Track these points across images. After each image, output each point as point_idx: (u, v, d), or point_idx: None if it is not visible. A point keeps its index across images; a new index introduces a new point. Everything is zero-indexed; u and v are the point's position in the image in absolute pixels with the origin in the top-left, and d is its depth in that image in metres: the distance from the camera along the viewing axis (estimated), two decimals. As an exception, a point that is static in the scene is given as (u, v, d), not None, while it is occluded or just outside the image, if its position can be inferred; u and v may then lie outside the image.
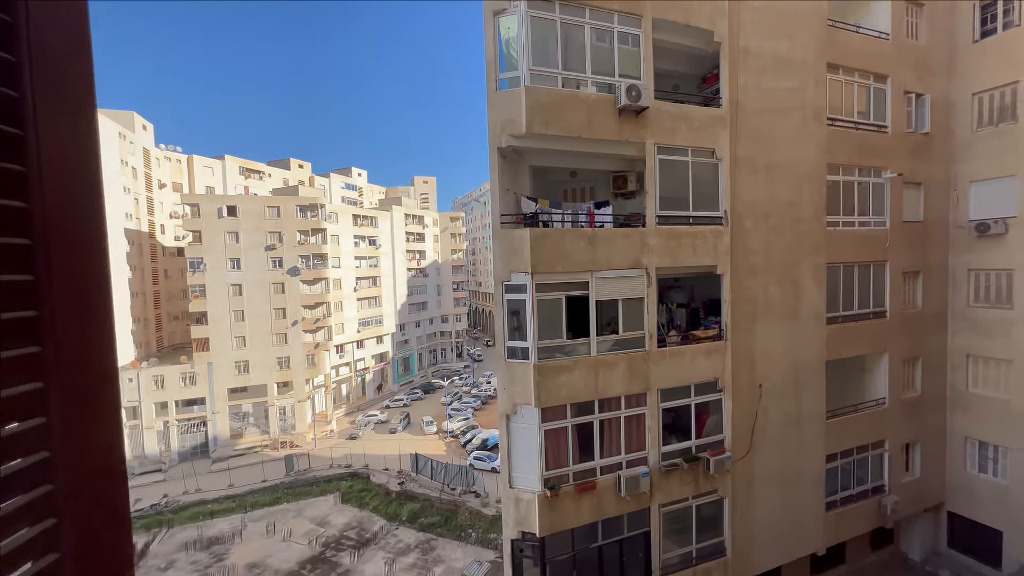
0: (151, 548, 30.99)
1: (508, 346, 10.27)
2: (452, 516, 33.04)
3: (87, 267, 0.74)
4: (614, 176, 12.18)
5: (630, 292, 10.75)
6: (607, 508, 10.65)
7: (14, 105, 0.67)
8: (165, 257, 53.45)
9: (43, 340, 0.68)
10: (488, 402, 56.22)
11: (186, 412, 44.57)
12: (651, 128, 10.67)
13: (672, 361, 11.12)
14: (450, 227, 77.63)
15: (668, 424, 11.65)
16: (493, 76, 10.07)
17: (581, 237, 10.30)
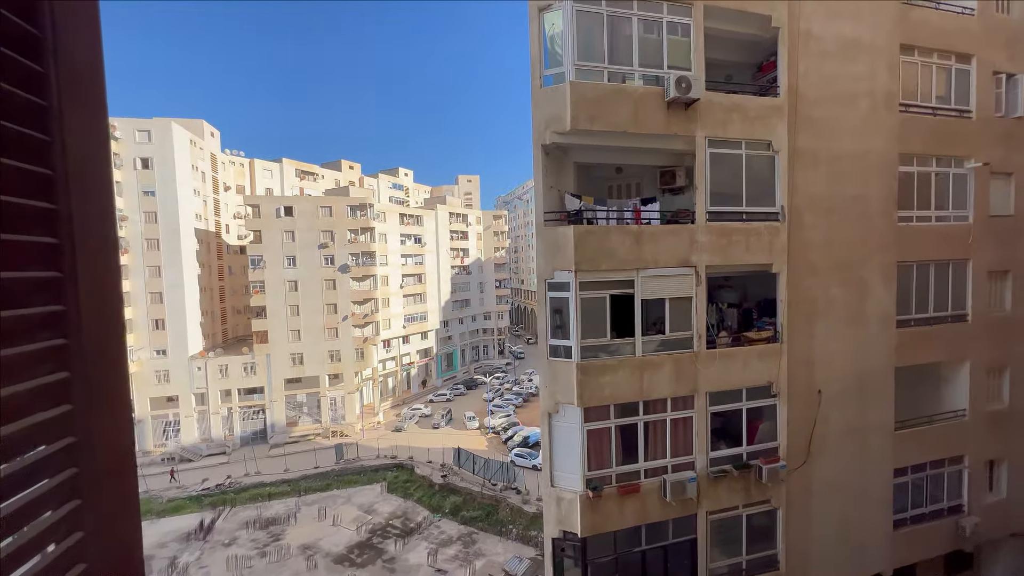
0: (216, 524, 33.42)
1: (551, 344, 10.22)
2: (493, 511, 33.42)
3: (104, 265, 0.79)
4: (661, 171, 11.81)
5: (678, 291, 10.40)
6: (651, 512, 10.39)
7: (42, 112, 0.70)
8: (229, 255, 57.27)
9: (69, 333, 0.72)
10: (530, 399, 56.34)
11: (247, 400, 47.67)
12: (702, 121, 10.25)
13: (722, 363, 10.66)
14: (493, 225, 78.29)
15: (717, 429, 11.20)
16: (538, 73, 10.03)
17: (627, 234, 10.08)
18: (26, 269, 0.63)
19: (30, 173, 0.61)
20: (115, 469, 0.85)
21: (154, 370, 45.18)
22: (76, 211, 0.74)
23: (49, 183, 0.70)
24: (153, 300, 45.32)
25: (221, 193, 56.82)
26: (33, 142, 0.66)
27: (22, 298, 0.57)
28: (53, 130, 0.71)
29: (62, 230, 0.72)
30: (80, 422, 0.74)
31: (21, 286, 0.57)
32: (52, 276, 0.70)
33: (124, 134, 44.35)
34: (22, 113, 0.59)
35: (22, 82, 0.60)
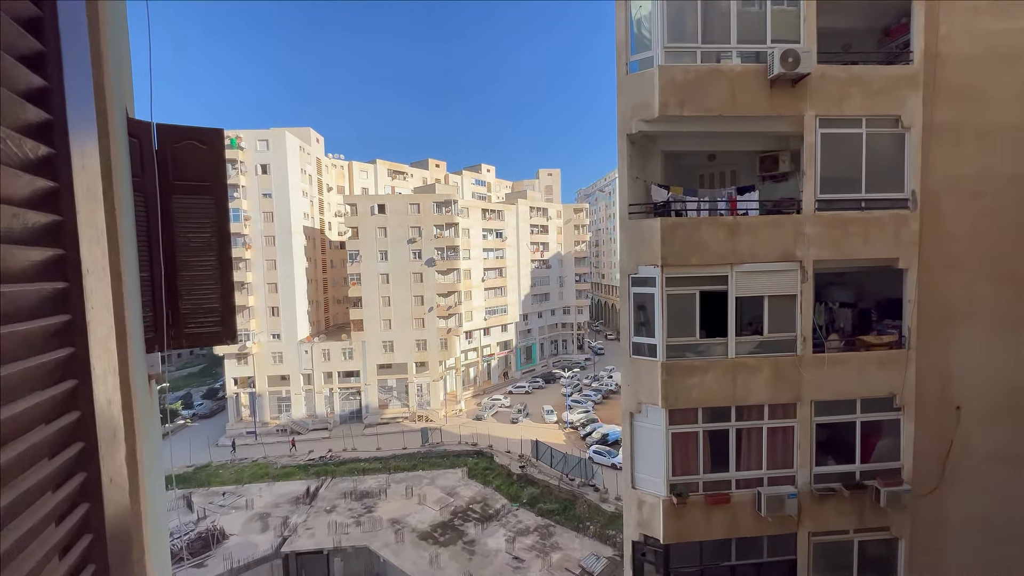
0: (320, 492, 37.20)
1: (634, 342, 9.86)
2: (570, 506, 33.34)
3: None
4: (762, 157, 10.77)
5: (778, 288, 9.46)
6: (743, 526, 9.63)
7: (47, 126, 0.68)
8: (331, 250, 63.03)
9: (77, 343, 0.71)
10: (609, 396, 55.21)
11: (345, 382, 52.37)
12: (812, 98, 9.16)
13: (832, 370, 9.52)
14: (573, 219, 77.42)
15: (823, 442, 10.05)
16: (624, 59, 9.63)
17: (720, 226, 9.36)
18: (33, 280, 0.64)
19: (36, 184, 0.62)
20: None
21: (271, 351, 51.27)
22: (82, 222, 0.73)
23: (55, 195, 0.69)
24: (270, 290, 51.34)
25: (324, 193, 62.60)
26: (39, 153, 0.67)
27: (30, 310, 0.60)
28: (58, 142, 0.69)
29: (67, 241, 0.71)
30: (88, 428, 0.73)
31: (29, 298, 0.62)
32: (58, 288, 0.69)
33: (247, 144, 50.53)
34: (27, 126, 0.62)
35: (28, 92, 0.64)
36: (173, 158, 2.49)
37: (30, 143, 0.58)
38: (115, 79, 1.67)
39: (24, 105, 0.57)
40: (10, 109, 0.53)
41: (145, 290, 2.33)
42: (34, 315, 0.60)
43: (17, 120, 0.56)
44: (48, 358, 0.61)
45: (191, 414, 57.09)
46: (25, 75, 0.57)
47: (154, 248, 2.37)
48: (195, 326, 2.61)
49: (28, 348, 0.57)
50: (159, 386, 2.62)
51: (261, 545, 30.65)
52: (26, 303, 0.58)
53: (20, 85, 0.57)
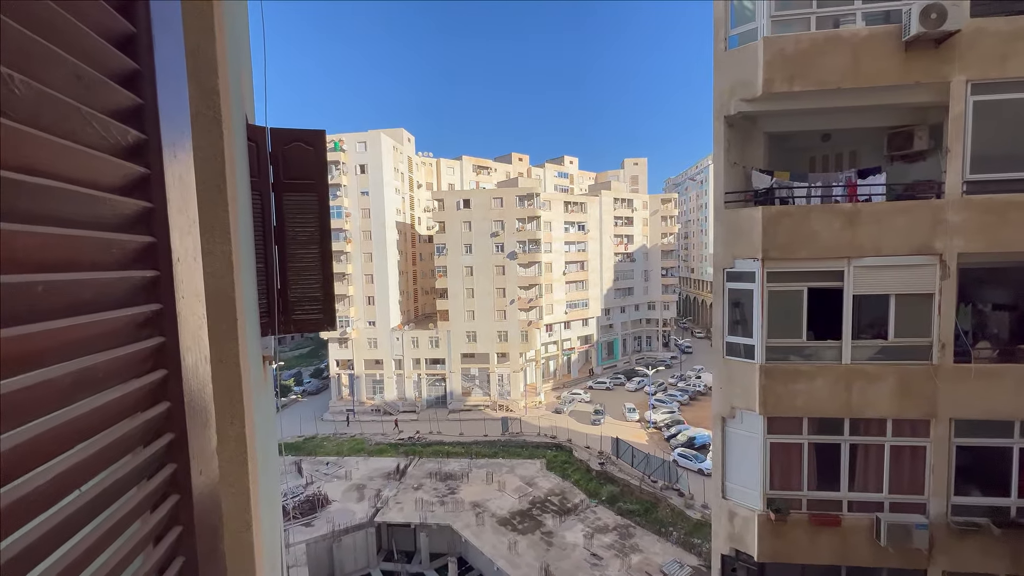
0: (408, 470, 39.77)
1: (728, 341, 9.09)
2: (652, 508, 32.11)
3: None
4: (891, 134, 9.27)
5: (910, 285, 8.12)
6: (856, 554, 8.50)
7: (138, 110, 0.69)
8: (420, 243, 66.54)
9: (167, 332, 0.72)
10: (697, 398, 52.17)
11: (431, 369, 55.26)
12: (963, 60, 7.66)
13: (980, 383, 7.98)
14: (660, 210, 73.68)
15: (966, 468, 8.49)
16: (722, 35, 8.82)
17: (835, 215, 8.24)
18: (124, 268, 0.64)
19: (126, 170, 0.62)
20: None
21: (367, 337, 55.63)
22: (173, 210, 0.74)
23: (146, 181, 0.70)
24: (367, 281, 55.62)
25: (415, 190, 66.14)
26: (130, 139, 0.67)
27: (120, 298, 0.60)
28: (150, 128, 0.70)
29: (158, 228, 0.71)
30: (178, 420, 0.74)
31: (119, 286, 0.60)
32: (148, 276, 0.70)
33: (348, 146, 54.93)
34: (119, 110, 0.61)
35: (121, 78, 0.64)
36: (284, 159, 2.69)
37: (119, 127, 0.60)
38: (235, 85, 1.81)
39: (113, 88, 0.58)
40: (98, 92, 0.55)
41: (260, 280, 2.54)
42: (124, 303, 0.62)
43: (108, 104, 0.57)
44: (138, 347, 0.63)
45: (301, 390, 63.98)
46: (116, 56, 0.59)
47: (268, 242, 2.58)
48: (301, 313, 2.82)
49: (118, 337, 0.59)
50: (273, 366, 2.88)
51: (357, 513, 33.52)
52: (116, 291, 0.60)
53: (110, 67, 0.58)
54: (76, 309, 0.50)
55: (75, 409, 0.48)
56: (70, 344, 0.49)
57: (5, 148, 0.40)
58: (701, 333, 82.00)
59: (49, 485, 0.42)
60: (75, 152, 0.50)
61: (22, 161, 0.41)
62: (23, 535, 0.40)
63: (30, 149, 0.43)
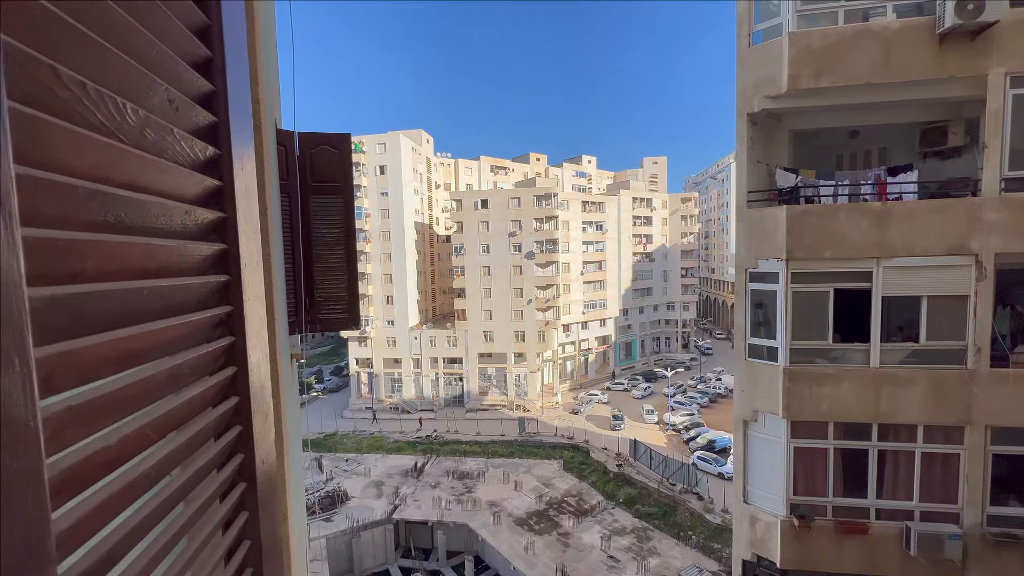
0: (426, 468, 40.14)
1: (750, 343, 8.94)
2: (670, 512, 31.71)
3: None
4: (924, 130, 8.97)
5: (943, 286, 7.86)
6: (885, 564, 8.26)
7: (213, 128, 0.73)
8: (438, 243, 67.05)
9: (236, 332, 0.77)
10: (717, 400, 51.29)
11: (449, 368, 55.64)
12: (1001, 52, 7.37)
13: (1019, 389, 7.67)
14: (680, 209, 72.63)
15: (1004, 477, 8.17)
16: (745, 31, 8.68)
17: (864, 214, 8.03)
18: (203, 274, 0.69)
19: (205, 184, 0.67)
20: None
21: (385, 336, 56.34)
22: (241, 219, 0.79)
23: (219, 193, 0.75)
24: (385, 280, 56.33)
25: (433, 190, 66.68)
26: (208, 154, 0.72)
27: (199, 301, 0.64)
28: (223, 143, 0.75)
29: (229, 236, 0.76)
30: (245, 414, 0.79)
31: (199, 290, 0.64)
32: (221, 280, 0.74)
33: (368, 147, 55.72)
34: (198, 128, 0.66)
35: (199, 96, 0.67)
36: (311, 162, 2.78)
37: (200, 144, 0.65)
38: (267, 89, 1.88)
39: (195, 108, 0.63)
40: (184, 112, 0.59)
41: (288, 280, 2.63)
42: (202, 306, 0.67)
43: (189, 122, 0.62)
44: (213, 347, 0.68)
45: (322, 388, 65.17)
46: (196, 79, 0.64)
47: (296, 243, 2.67)
48: (327, 312, 2.90)
49: (198, 337, 0.64)
50: (298, 363, 2.97)
51: (376, 510, 33.99)
52: (196, 295, 0.65)
53: (192, 89, 0.63)
54: (170, 311, 0.55)
55: (168, 402, 0.53)
56: (167, 343, 0.54)
57: (119, 170, 0.45)
58: (722, 334, 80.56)
59: (152, 469, 0.47)
60: (169, 169, 0.55)
61: (130, 179, 0.46)
62: (126, 519, 0.44)
63: (136, 169, 0.48)
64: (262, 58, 1.70)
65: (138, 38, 0.49)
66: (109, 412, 0.42)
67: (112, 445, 0.42)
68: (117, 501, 0.43)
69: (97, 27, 0.41)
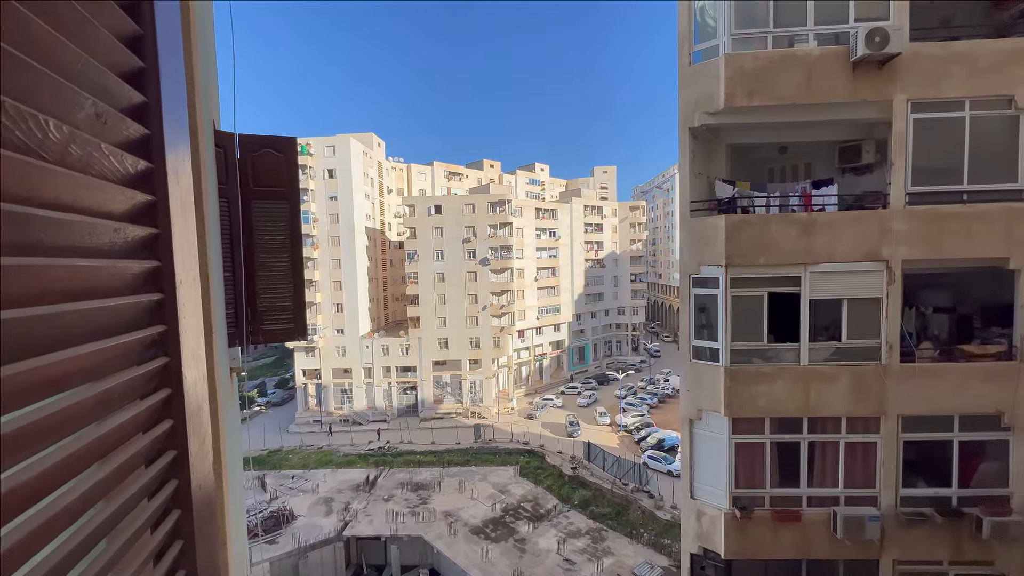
0: (378, 481, 38.88)
1: (694, 345, 9.40)
2: (623, 511, 32.55)
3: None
4: (842, 148, 9.88)
5: (860, 290, 8.65)
6: (816, 548, 8.90)
7: (146, 141, 0.70)
8: (391, 249, 65.62)
9: (171, 352, 0.73)
10: (665, 400, 53.35)
11: (402, 377, 54.39)
12: (903, 80, 8.27)
13: (924, 382, 8.56)
14: (629, 217, 75.38)
15: (912, 461, 9.06)
16: (686, 50, 9.20)
17: (792, 223, 8.70)
18: (134, 293, 0.65)
19: (136, 199, 0.63)
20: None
21: (335, 345, 54.26)
22: (176, 234, 0.75)
23: (152, 208, 0.71)
24: (335, 288, 54.35)
25: (385, 196, 65.29)
26: (139, 168, 0.68)
27: (129, 322, 0.60)
28: (156, 157, 0.71)
29: (163, 253, 0.72)
30: (180, 438, 0.74)
31: (128, 311, 0.60)
32: (154, 299, 0.70)
33: (316, 150, 53.77)
34: (128, 141, 0.62)
35: (129, 108, 0.63)
36: (252, 166, 2.65)
37: (131, 158, 0.61)
38: (204, 92, 1.78)
39: (125, 121, 0.60)
40: (113, 125, 0.56)
41: (228, 290, 2.48)
42: (133, 327, 0.63)
43: (119, 136, 0.59)
44: (145, 369, 0.64)
45: (265, 402, 61.67)
46: (126, 91, 0.60)
47: (236, 251, 2.53)
48: (271, 323, 2.77)
49: (129, 359, 0.60)
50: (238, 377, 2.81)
51: (325, 528, 32.50)
52: (126, 315, 0.61)
53: (122, 101, 0.60)
54: (98, 334, 0.52)
55: (94, 429, 0.50)
56: (94, 367, 0.50)
57: (41, 189, 0.42)
58: (669, 337, 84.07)
59: (75, 503, 0.44)
60: (95, 185, 0.52)
61: (51, 198, 0.43)
62: (43, 559, 0.41)
63: (60, 187, 0.44)
64: (199, 59, 1.62)
65: (63, 51, 0.46)
66: (28, 444, 0.39)
67: (29, 480, 0.39)
68: (33, 541, 0.39)
69: (16, 41, 0.38)
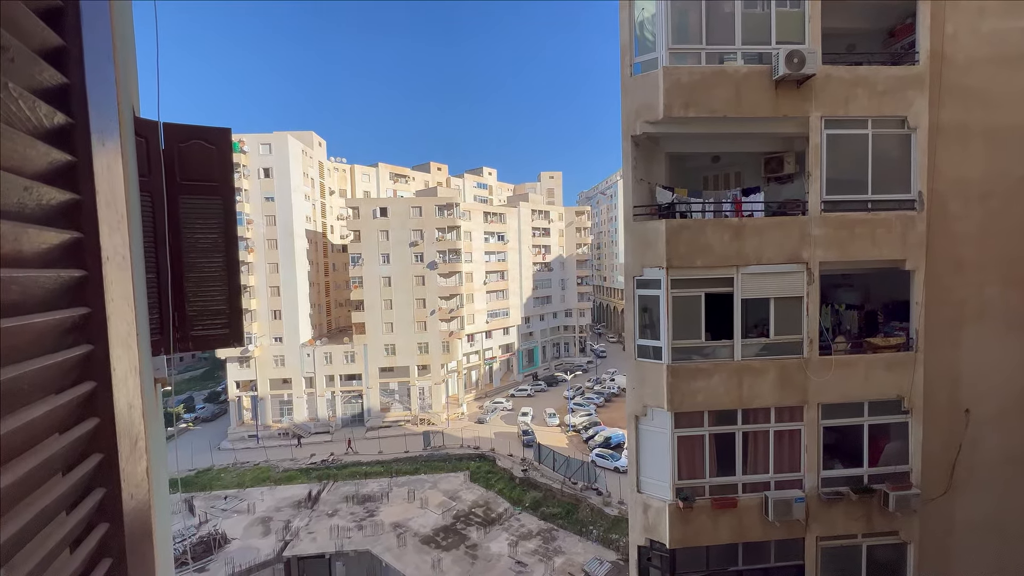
0: (322, 496, 37.01)
1: (638, 344, 9.77)
2: (573, 510, 33.13)
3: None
4: (767, 159, 10.71)
5: (784, 290, 9.38)
6: (750, 531, 9.51)
7: (64, 91, 0.61)
8: (333, 253, 63.00)
9: (95, 339, 0.64)
10: (612, 399, 55.01)
11: (347, 385, 52.23)
12: (817, 99, 9.10)
13: (839, 372, 9.42)
14: (575, 221, 77.37)
15: (831, 445, 9.95)
16: (628, 61, 9.59)
17: (725, 228, 9.29)
18: (48, 267, 0.57)
19: (52, 156, 0.54)
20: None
21: (272, 355, 51.17)
22: (102, 203, 0.67)
23: (72, 170, 0.63)
24: (272, 294, 51.31)
25: (327, 197, 62.65)
26: (56, 121, 0.60)
27: (44, 301, 0.52)
28: (78, 149, 0.63)
29: (86, 223, 0.64)
30: (107, 439, 0.67)
31: (43, 287, 0.55)
32: (75, 276, 0.63)
33: (250, 147, 50.64)
34: (43, 89, 0.53)
35: (46, 53, 0.54)
36: (180, 158, 2.43)
37: (45, 107, 0.52)
38: (122, 75, 1.60)
39: (40, 64, 0.50)
40: (24, 67, 0.47)
41: (151, 292, 2.26)
42: (47, 306, 0.52)
43: (32, 81, 0.49)
44: (64, 357, 0.54)
45: (193, 417, 56.97)
46: (41, 29, 0.50)
47: (160, 249, 2.30)
48: (202, 328, 2.55)
49: (41, 345, 0.50)
50: (167, 388, 2.56)
51: (263, 549, 30.45)
52: (40, 292, 0.51)
53: (36, 41, 0.50)
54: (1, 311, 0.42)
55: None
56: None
57: None
58: (614, 338, 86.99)
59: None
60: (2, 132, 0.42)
61: None
62: None
63: None
64: (117, 35, 1.46)
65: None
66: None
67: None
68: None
69: None
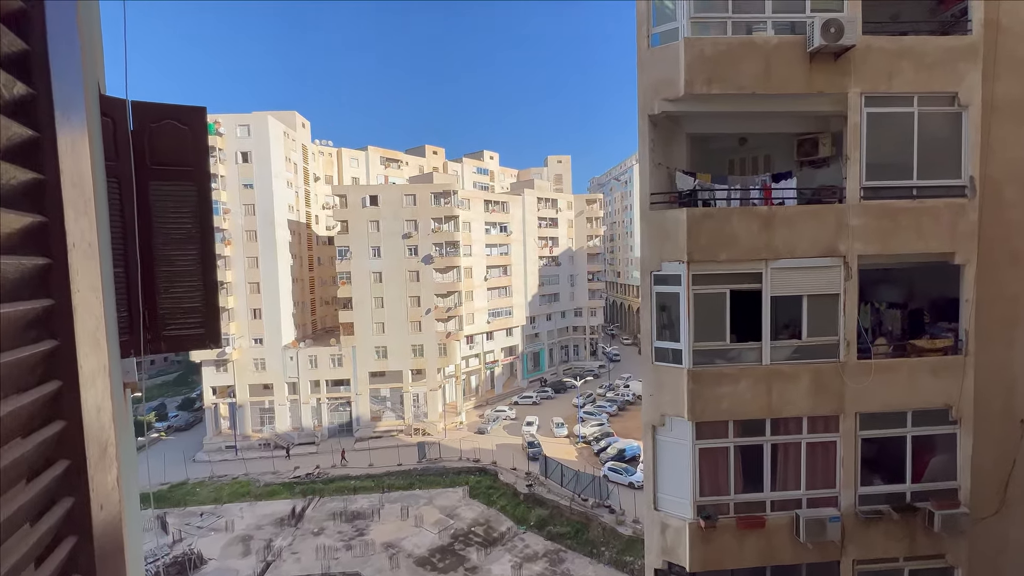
0: (307, 513, 37.29)
1: (656, 347, 9.76)
2: (583, 529, 33.23)
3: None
4: (799, 140, 10.64)
5: (819, 286, 9.34)
6: (780, 553, 9.51)
7: (24, 58, 0.60)
8: (319, 245, 63.19)
9: (60, 334, 0.64)
10: (626, 408, 55.06)
11: (334, 391, 52.48)
12: (857, 73, 9.02)
13: (879, 378, 9.38)
14: (586, 210, 77.09)
15: (870, 459, 9.91)
16: (645, 32, 9.53)
17: (753, 218, 9.25)
18: (8, 252, 0.56)
19: (12, 130, 0.54)
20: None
21: (252, 358, 51.47)
22: (67, 184, 0.66)
23: (34, 147, 0.62)
24: (252, 291, 51.54)
25: (311, 184, 62.78)
26: (16, 92, 0.60)
27: (9, 291, 0.52)
28: (42, 125, 0.63)
29: (50, 206, 0.64)
30: (74, 444, 0.67)
31: (6, 275, 0.54)
32: (43, 305, 0.63)
33: (226, 129, 50.77)
34: (4, 57, 0.53)
35: (3, 15, 0.54)
36: (151, 140, 2.43)
37: (4, 76, 0.52)
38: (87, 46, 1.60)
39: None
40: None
41: (119, 288, 2.26)
42: (9, 297, 0.52)
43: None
44: (25, 353, 0.54)
45: (165, 426, 57.42)
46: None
47: (129, 241, 2.30)
48: (175, 328, 2.55)
49: (1, 339, 0.50)
50: (137, 394, 2.57)
51: (242, 571, 30.72)
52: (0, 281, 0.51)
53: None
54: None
55: None
56: None
57: None
58: (628, 340, 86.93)
59: None
60: None
61: None
62: None
63: None
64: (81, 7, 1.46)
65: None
66: None
67: None
68: None
69: None
